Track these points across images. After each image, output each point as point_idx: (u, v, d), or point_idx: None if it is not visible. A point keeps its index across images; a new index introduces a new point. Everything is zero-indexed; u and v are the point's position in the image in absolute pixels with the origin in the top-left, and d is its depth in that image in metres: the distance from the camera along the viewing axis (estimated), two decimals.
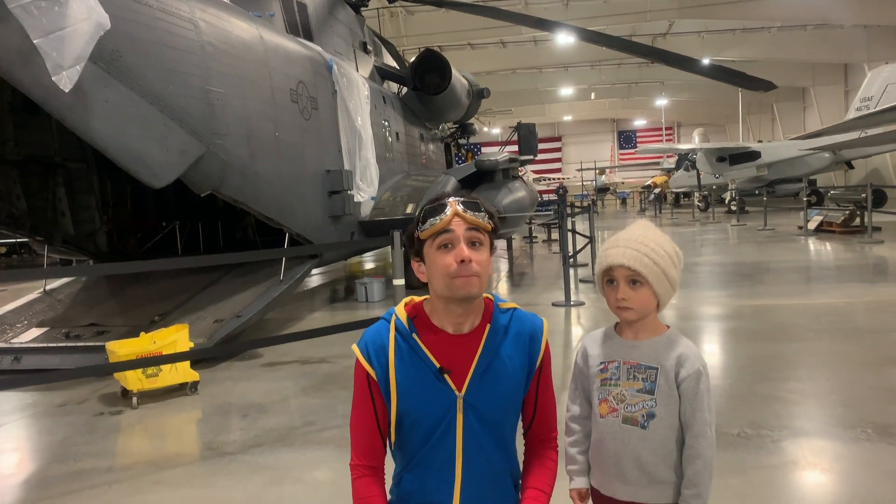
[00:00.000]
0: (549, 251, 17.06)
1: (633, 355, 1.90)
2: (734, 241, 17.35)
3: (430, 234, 1.78)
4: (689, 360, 1.84)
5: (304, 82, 8.58)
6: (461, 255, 1.74)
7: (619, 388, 1.89)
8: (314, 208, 8.72)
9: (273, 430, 4.70)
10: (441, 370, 1.80)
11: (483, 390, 1.82)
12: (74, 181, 9.25)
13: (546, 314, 8.41)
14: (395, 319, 1.87)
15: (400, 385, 1.81)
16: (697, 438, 1.83)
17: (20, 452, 4.69)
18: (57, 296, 8.44)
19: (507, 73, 36.87)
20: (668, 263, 1.86)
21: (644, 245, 1.85)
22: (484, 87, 16.80)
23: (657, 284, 1.84)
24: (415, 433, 1.83)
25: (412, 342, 1.83)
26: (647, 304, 1.86)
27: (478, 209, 1.79)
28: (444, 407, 1.81)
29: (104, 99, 5.37)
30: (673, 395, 1.84)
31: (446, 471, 1.83)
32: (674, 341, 1.89)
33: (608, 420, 1.89)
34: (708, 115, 49.70)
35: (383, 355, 1.82)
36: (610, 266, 1.87)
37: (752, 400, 4.78)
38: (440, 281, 1.78)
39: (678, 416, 1.85)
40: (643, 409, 1.85)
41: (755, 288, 9.91)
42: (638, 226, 1.94)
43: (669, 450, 1.85)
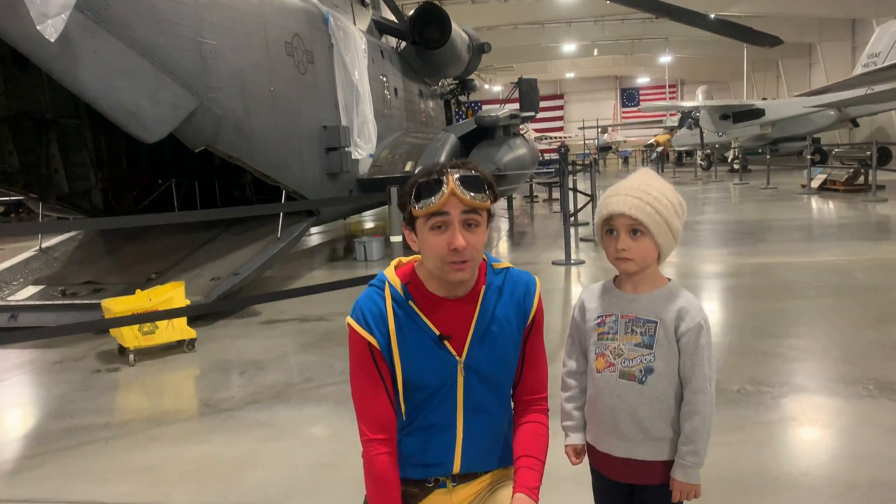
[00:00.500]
0: (549, 210, 16.96)
1: (632, 309, 1.83)
2: (736, 200, 17.22)
3: (423, 215, 1.69)
4: (689, 313, 1.77)
5: (299, 35, 8.37)
6: (454, 242, 1.66)
7: (616, 342, 1.83)
8: (311, 165, 8.60)
9: (271, 386, 4.68)
10: (441, 337, 1.76)
11: (482, 353, 1.79)
12: (68, 138, 9.09)
13: (546, 273, 8.35)
14: (388, 287, 1.80)
15: (402, 352, 1.76)
16: (696, 394, 1.77)
17: (17, 409, 4.68)
18: (53, 254, 8.38)
19: (509, 29, 36.17)
20: (671, 213, 1.78)
21: (646, 193, 1.76)
22: (485, 42, 16.47)
23: (659, 234, 1.76)
24: (415, 398, 1.80)
25: (409, 310, 1.77)
26: (648, 255, 1.79)
27: (478, 187, 1.68)
28: (445, 372, 1.78)
29: (92, 50, 5.21)
30: (672, 349, 1.77)
31: (447, 433, 1.81)
32: (674, 294, 1.81)
33: (605, 375, 1.83)
34: (712, 73, 48.99)
35: (383, 324, 1.76)
36: (610, 214, 1.78)
37: (753, 356, 4.74)
38: (432, 261, 1.72)
39: (677, 372, 1.79)
40: (641, 363, 1.78)
41: (757, 246, 9.84)
42: (640, 174, 1.85)
43: (667, 405, 1.80)
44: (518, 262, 10.13)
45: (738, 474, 3.09)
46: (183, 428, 4.03)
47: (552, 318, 6.13)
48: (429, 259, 1.73)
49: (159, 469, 3.47)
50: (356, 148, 9.70)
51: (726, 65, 43.28)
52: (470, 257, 1.69)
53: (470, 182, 1.68)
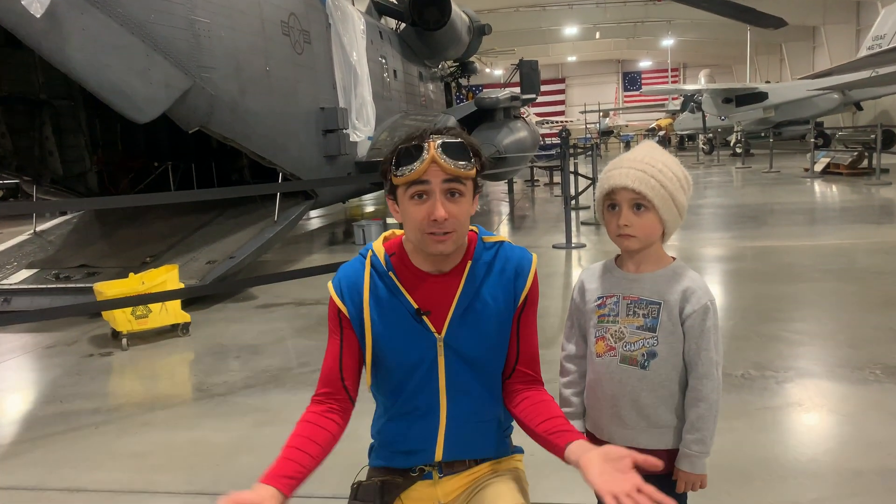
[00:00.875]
0: (550, 194, 16.83)
1: (634, 289, 1.73)
2: (739, 184, 17.08)
3: (402, 183, 1.59)
4: (695, 294, 1.67)
5: (295, 14, 8.21)
6: (435, 212, 1.55)
7: (617, 324, 1.73)
8: (308, 147, 8.47)
9: (265, 371, 4.60)
10: (419, 311, 1.66)
11: (464, 332, 1.68)
12: (62, 119, 8.97)
13: (547, 256, 8.26)
14: (371, 256, 1.71)
15: (375, 325, 1.67)
16: (702, 380, 1.67)
17: (7, 393, 4.60)
18: (47, 237, 8.29)
19: (510, 12, 35.82)
20: (677, 187, 1.67)
21: (650, 166, 1.65)
22: (485, 24, 16.25)
23: (664, 209, 1.65)
24: (393, 376, 1.71)
25: (388, 281, 1.68)
26: (652, 232, 1.68)
27: (461, 154, 1.57)
28: (423, 350, 1.67)
29: (81, 27, 5.07)
30: (677, 332, 1.68)
31: (430, 417, 1.71)
32: (679, 274, 1.71)
33: (605, 359, 1.74)
34: (715, 56, 48.59)
35: (356, 293, 1.68)
36: (612, 188, 1.67)
37: (757, 340, 4.65)
38: (412, 233, 1.62)
39: (682, 356, 1.69)
40: (643, 347, 1.69)
41: (759, 229, 9.73)
42: (644, 146, 1.74)
43: (671, 391, 1.70)
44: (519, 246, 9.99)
45: (742, 462, 3.00)
46: (175, 413, 3.95)
47: (552, 301, 6.04)
48: (410, 230, 1.63)
49: (149, 455, 3.39)
50: (354, 130, 9.55)
51: (729, 48, 42.91)
52: (452, 229, 1.58)
53: (453, 149, 1.57)
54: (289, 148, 7.98)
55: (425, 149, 1.55)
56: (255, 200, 8.47)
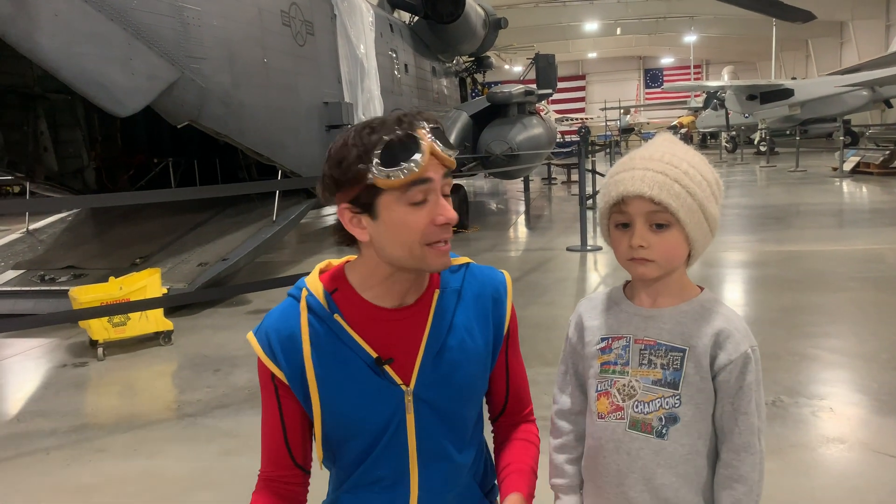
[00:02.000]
0: (567, 193, 16.35)
1: (650, 330, 1.27)
2: (763, 183, 16.47)
3: (400, 184, 1.18)
4: (732, 338, 1.23)
5: (297, 4, 7.81)
6: (447, 215, 1.20)
7: (626, 377, 1.28)
8: (310, 143, 8.06)
9: (243, 387, 4.21)
10: (378, 360, 1.27)
11: (438, 379, 1.30)
12: (58, 114, 8.66)
13: (560, 259, 7.81)
14: (306, 296, 1.30)
15: (323, 385, 1.27)
16: (739, 453, 1.23)
17: None
18: (39, 236, 7.98)
19: (529, 7, 35.30)
20: (707, 194, 1.22)
21: (673, 167, 1.20)
22: (501, 17, 15.75)
23: (692, 224, 1.20)
24: (351, 445, 1.32)
25: (334, 326, 1.28)
26: (676, 255, 1.23)
27: (447, 141, 1.24)
28: (389, 408, 1.29)
29: (52, 12, 4.71)
30: (707, 389, 1.23)
31: (398, 489, 1.33)
32: (710, 311, 1.26)
33: (609, 423, 1.29)
34: (739, 53, 47.63)
35: (293, 349, 1.27)
36: (622, 198, 1.21)
37: (788, 360, 4.16)
38: (405, 248, 1.22)
39: (711, 421, 1.25)
40: (661, 409, 1.24)
41: (786, 232, 9.19)
42: (661, 140, 1.29)
43: (697, 468, 1.26)
44: (532, 248, 9.60)
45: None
46: (135, 437, 3.55)
47: (562, 311, 5.59)
48: (400, 245, 1.22)
49: (95, 490, 3.00)
50: None
51: (754, 44, 42.01)
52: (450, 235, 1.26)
53: (441, 136, 1.22)
54: (288, 144, 7.58)
55: (421, 140, 1.18)
56: (255, 199, 8.10)
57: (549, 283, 6.67)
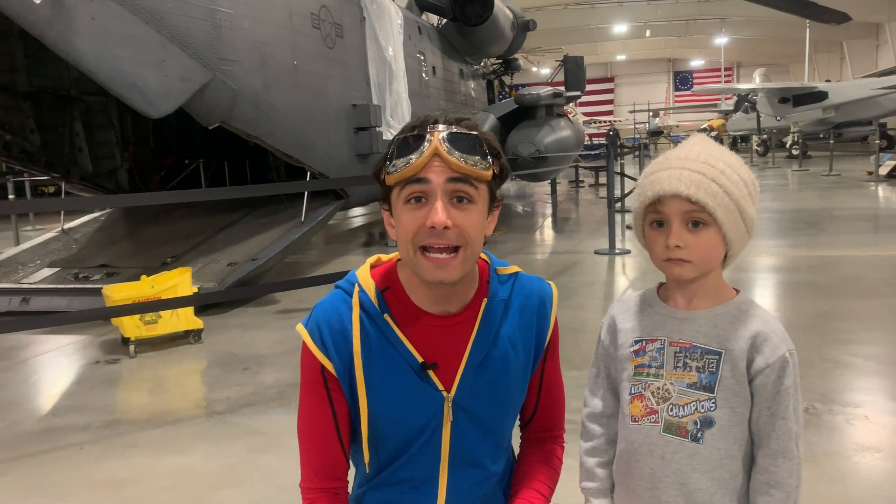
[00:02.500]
0: (595, 196, 16.24)
1: (685, 333, 1.27)
2: (795, 187, 16.21)
3: (396, 181, 1.20)
4: (769, 341, 1.21)
5: (327, 7, 7.88)
6: (433, 218, 1.16)
7: (660, 380, 1.27)
8: (338, 145, 8.12)
9: (271, 386, 4.24)
10: (424, 365, 1.27)
11: (479, 388, 1.30)
12: (92, 115, 8.84)
13: (587, 263, 7.75)
14: (358, 292, 1.30)
15: (370, 384, 1.28)
16: (776, 458, 1.21)
17: (4, 404, 4.32)
18: (73, 235, 8.14)
19: (558, 9, 35.16)
20: (744, 194, 1.22)
21: (710, 166, 1.20)
22: (529, 20, 15.74)
23: (729, 224, 1.20)
24: (386, 443, 1.32)
25: (383, 326, 1.28)
26: (712, 255, 1.23)
27: (472, 149, 1.19)
28: (427, 412, 1.29)
29: (89, 15, 4.80)
30: (743, 393, 1.22)
31: (425, 490, 1.34)
32: (746, 313, 1.25)
33: (643, 426, 1.28)
34: (771, 55, 46.93)
35: (344, 343, 1.27)
36: (659, 197, 1.21)
37: (822, 367, 4.08)
38: (405, 250, 1.22)
39: (748, 425, 1.24)
40: (696, 412, 1.23)
41: (819, 237, 9.03)
42: (697, 140, 1.28)
43: (732, 473, 1.24)
44: (559, 251, 9.55)
45: None
46: (166, 434, 3.60)
47: (591, 314, 5.55)
48: (402, 246, 1.24)
49: (127, 485, 3.04)
50: (388, 128, 9.19)
51: (787, 46, 41.36)
52: (457, 243, 1.19)
53: (462, 141, 1.19)
54: (317, 146, 7.64)
55: (427, 139, 1.18)
56: (283, 200, 8.18)
57: (577, 287, 6.62)
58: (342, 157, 8.23)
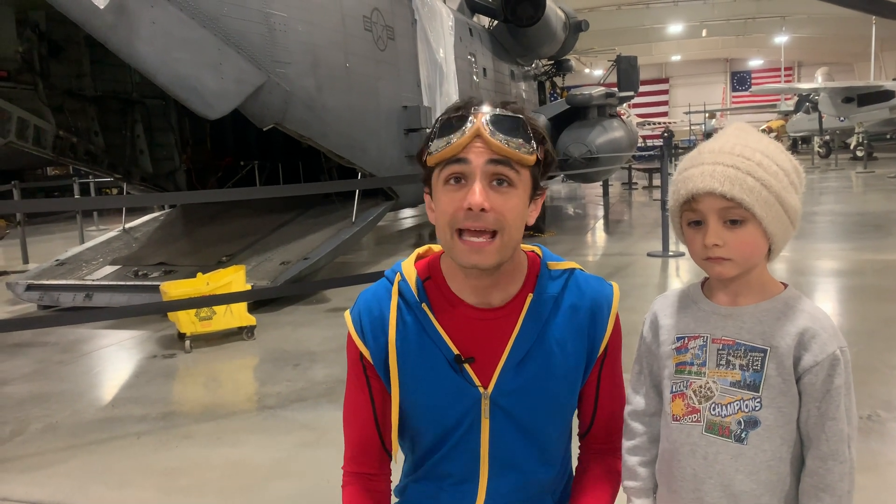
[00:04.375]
0: (649, 198, 15.96)
1: (729, 329, 1.23)
2: (859, 190, 15.62)
3: (436, 161, 1.19)
4: (818, 338, 1.17)
5: (378, 9, 7.96)
6: (471, 199, 1.14)
7: (703, 378, 1.24)
8: (389, 147, 8.20)
9: (321, 382, 4.30)
10: (458, 358, 1.25)
11: (519, 388, 1.27)
12: (153, 118, 9.15)
13: (640, 265, 7.63)
14: (399, 281, 1.30)
15: (403, 372, 1.28)
16: (826, 461, 1.17)
17: (67, 394, 4.49)
18: (134, 234, 8.42)
19: (611, 9, 34.76)
20: (785, 184, 1.17)
21: (745, 159, 1.15)
22: (582, 20, 15.59)
23: (769, 219, 1.15)
24: (424, 435, 1.32)
25: (421, 315, 1.27)
26: (754, 252, 1.18)
27: (515, 131, 1.17)
28: (463, 408, 1.28)
29: (150, 20, 4.97)
30: (790, 392, 1.18)
31: (466, 487, 1.32)
32: (794, 309, 1.20)
33: (685, 425, 1.25)
34: (834, 53, 45.35)
35: (381, 330, 1.28)
36: (692, 195, 1.17)
37: (887, 374, 3.93)
38: (442, 234, 1.21)
39: (796, 426, 1.20)
40: (740, 412, 1.19)
41: (885, 240, 8.67)
42: (733, 130, 1.23)
43: (780, 475, 1.20)
44: (611, 253, 9.42)
45: None
46: (219, 426, 3.69)
47: (642, 318, 5.43)
48: (440, 230, 1.22)
49: (182, 474, 3.13)
50: None
51: (851, 44, 39.88)
52: (494, 227, 1.17)
53: (505, 123, 1.18)
54: (368, 147, 7.73)
55: (470, 119, 1.17)
56: (335, 201, 8.30)
57: (629, 289, 6.52)
58: (393, 158, 8.30)
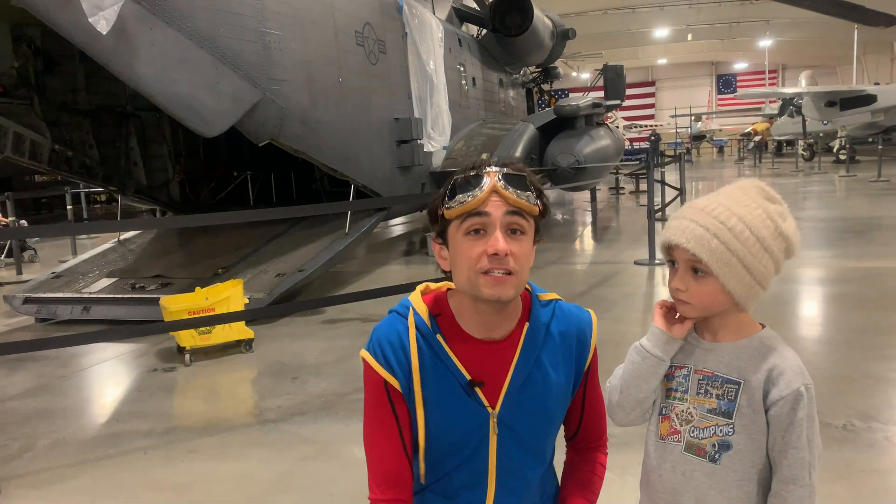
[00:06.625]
0: (636, 203, 16.19)
1: (709, 362, 1.40)
2: (842, 194, 15.91)
3: (457, 215, 1.36)
4: (784, 375, 1.33)
5: (370, 24, 8.11)
6: (495, 246, 1.33)
7: (685, 403, 1.41)
8: (381, 158, 8.34)
9: (320, 395, 4.43)
10: (472, 383, 1.43)
11: (521, 406, 1.45)
12: (146, 130, 9.23)
13: (627, 273, 7.81)
14: (413, 315, 1.46)
15: (426, 398, 1.43)
16: (787, 484, 1.32)
17: (72, 410, 4.60)
18: (129, 245, 8.50)
19: (598, 14, 34.96)
20: (754, 250, 1.32)
21: (718, 222, 1.32)
22: (569, 28, 15.80)
23: (727, 277, 1.32)
24: (438, 451, 1.48)
25: (436, 346, 1.44)
26: (713, 302, 1.36)
27: (524, 186, 1.37)
28: (473, 426, 1.44)
29: (149, 42, 5.09)
30: (759, 421, 1.33)
31: (476, 495, 1.49)
32: (767, 348, 1.37)
33: (668, 444, 1.42)
34: (817, 57, 45.94)
35: (406, 359, 1.43)
36: (668, 244, 1.38)
37: (862, 383, 4.11)
38: (464, 275, 1.37)
39: (765, 450, 1.35)
40: (715, 436, 1.36)
41: (866, 247, 8.90)
42: (728, 190, 1.39)
43: (747, 493, 1.36)
44: (598, 261, 9.59)
45: None
46: (223, 440, 3.81)
47: (629, 327, 5.63)
48: (461, 273, 1.39)
49: (190, 488, 3.25)
50: (429, 140, 9.39)
51: (834, 48, 40.46)
52: (514, 269, 1.35)
53: (516, 180, 1.38)
54: (361, 159, 7.87)
55: (485, 177, 1.36)
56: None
57: (617, 298, 6.70)
58: (385, 169, 8.44)
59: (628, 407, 1.48)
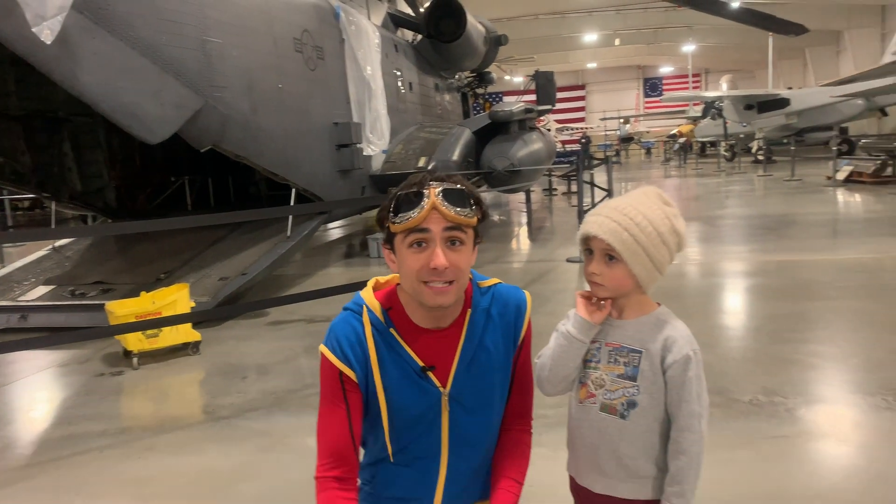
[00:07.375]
0: (568, 204, 16.74)
1: (616, 336, 1.71)
2: (760, 193, 16.86)
3: (401, 230, 1.55)
4: (677, 343, 1.64)
5: (308, 31, 8.27)
6: (435, 261, 1.52)
7: (598, 371, 1.71)
8: (321, 162, 8.51)
9: (271, 392, 4.61)
10: (424, 368, 1.64)
11: (469, 384, 1.67)
12: (81, 136, 9.11)
13: (559, 270, 8.21)
14: (367, 311, 1.67)
15: (386, 385, 1.64)
16: (683, 432, 1.64)
17: (20, 414, 4.65)
18: (65, 252, 8.40)
19: (529, 19, 35.74)
20: (655, 242, 1.64)
21: (628, 218, 1.63)
22: (501, 34, 16.24)
23: (633, 263, 1.63)
24: (398, 429, 1.69)
25: (391, 339, 1.64)
26: (622, 284, 1.67)
27: (463, 202, 1.55)
28: (429, 404, 1.66)
29: (92, 51, 5.15)
30: (658, 382, 1.65)
31: (429, 467, 1.70)
32: (662, 322, 1.68)
33: (585, 406, 1.72)
34: (737, 62, 48.09)
35: (361, 353, 1.62)
36: (586, 236, 1.67)
37: (767, 363, 4.57)
38: (409, 284, 1.59)
39: (664, 407, 1.66)
40: (623, 396, 1.66)
41: (779, 242, 9.58)
42: (634, 194, 1.71)
43: (651, 443, 1.67)
44: (533, 259, 9.99)
45: (745, 495, 2.94)
46: (179, 437, 3.96)
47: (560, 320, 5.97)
48: (406, 280, 1.59)
49: (151, 482, 3.40)
50: (368, 144, 9.60)
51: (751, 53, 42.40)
52: (452, 278, 1.55)
53: (454, 196, 1.55)
54: (302, 164, 8.03)
55: (425, 195, 1.53)
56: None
57: (550, 294, 7.07)
58: (325, 173, 8.62)
59: (556, 381, 1.77)
